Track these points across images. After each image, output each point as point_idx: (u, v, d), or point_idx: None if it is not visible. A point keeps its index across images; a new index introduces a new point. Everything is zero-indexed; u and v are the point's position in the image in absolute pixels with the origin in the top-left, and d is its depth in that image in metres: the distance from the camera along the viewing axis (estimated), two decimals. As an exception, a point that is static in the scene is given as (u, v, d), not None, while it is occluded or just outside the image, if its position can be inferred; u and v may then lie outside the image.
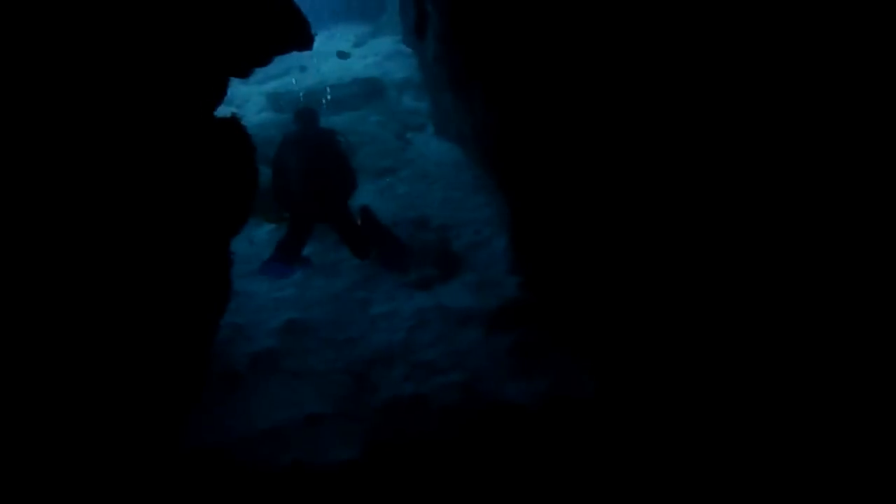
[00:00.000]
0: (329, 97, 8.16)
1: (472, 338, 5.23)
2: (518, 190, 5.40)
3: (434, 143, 7.82)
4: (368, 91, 8.61)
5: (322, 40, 10.66)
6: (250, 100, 8.81)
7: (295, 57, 9.09)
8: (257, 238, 6.50)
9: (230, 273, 3.48)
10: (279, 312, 5.61)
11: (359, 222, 6.21)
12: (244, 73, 3.26)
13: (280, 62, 9.18)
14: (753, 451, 3.34)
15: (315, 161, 6.11)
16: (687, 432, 3.79)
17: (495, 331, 5.25)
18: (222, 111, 8.11)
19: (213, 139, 3.25)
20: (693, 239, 3.49)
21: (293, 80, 8.68)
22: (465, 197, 6.93)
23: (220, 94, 3.10)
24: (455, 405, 4.62)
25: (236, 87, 8.52)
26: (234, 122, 3.30)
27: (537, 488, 3.72)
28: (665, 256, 3.84)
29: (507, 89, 4.84)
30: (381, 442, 4.39)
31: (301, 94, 8.30)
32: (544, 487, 3.73)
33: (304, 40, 3.30)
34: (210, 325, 3.55)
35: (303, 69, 9.31)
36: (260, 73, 9.24)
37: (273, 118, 7.94)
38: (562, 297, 5.16)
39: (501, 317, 5.39)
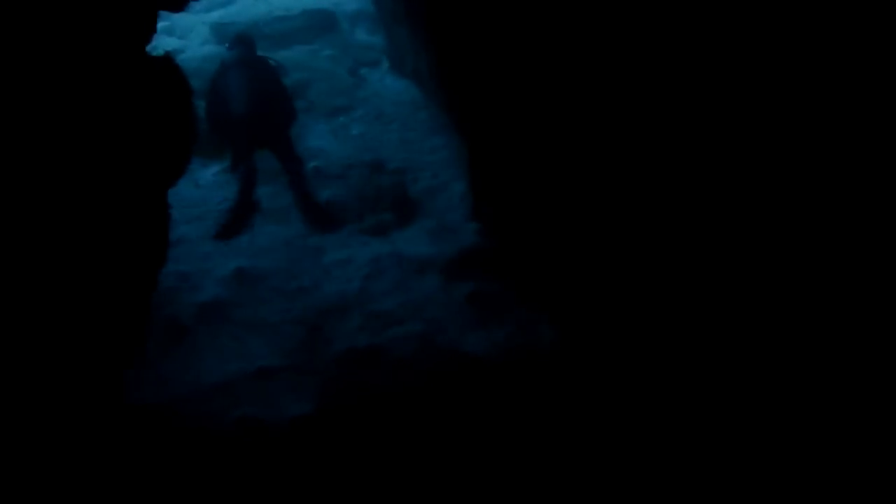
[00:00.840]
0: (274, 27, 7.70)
1: (430, 287, 5.08)
2: (475, 130, 5.18)
3: (389, 81, 7.48)
4: (319, 23, 8.14)
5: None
6: (193, 30, 8.26)
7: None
8: (203, 180, 6.17)
9: (167, 223, 3.23)
10: (227, 260, 5.35)
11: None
12: (178, 6, 2.93)
13: (225, -10, 8.62)
14: (717, 415, 3.30)
15: (254, 84, 5.89)
16: (649, 387, 3.74)
17: (453, 279, 5.11)
18: (164, 42, 7.65)
19: (143, 79, 2.94)
20: (669, 190, 3.35)
21: (238, 10, 8.14)
22: (422, 138, 6.68)
23: (149, 28, 2.78)
24: (412, 357, 4.50)
25: (179, 18, 7.97)
26: (167, 60, 2.99)
27: (496, 444, 3.65)
28: (630, 202, 3.70)
29: (463, 21, 4.55)
30: (336, 395, 4.26)
31: (246, 25, 7.81)
32: (503, 443, 3.66)
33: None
34: (148, 276, 3.31)
35: (250, -3, 8.74)
36: (205, 1, 8.68)
37: (217, 51, 7.43)
38: (521, 245, 5.03)
39: (460, 265, 5.24)
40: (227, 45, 6.60)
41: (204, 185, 6.08)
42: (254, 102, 5.80)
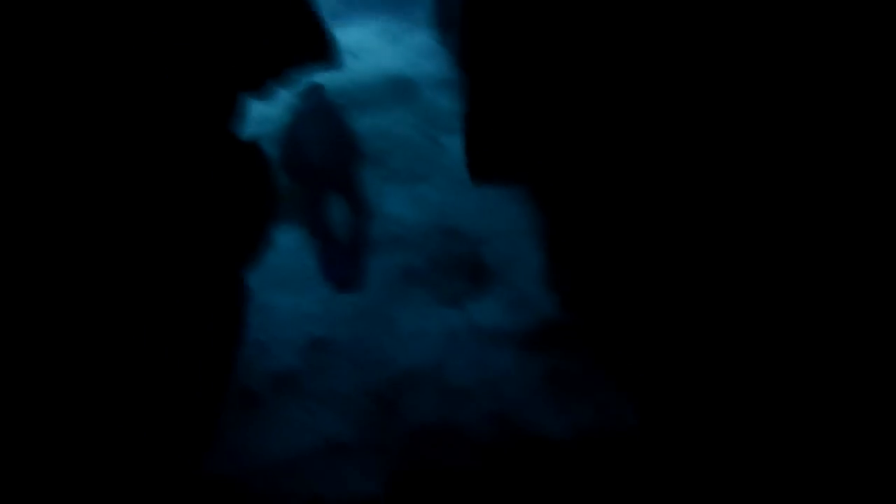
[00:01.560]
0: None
1: (507, 362, 4.91)
2: (555, 200, 5.06)
3: (469, 147, 7.46)
4: (401, 90, 8.28)
5: (354, 34, 10.35)
6: (277, 95, 8.54)
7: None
8: (281, 245, 6.24)
9: (244, 304, 3.22)
10: (303, 328, 5.35)
11: None
12: (258, 90, 2.97)
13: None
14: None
15: (327, 129, 6.41)
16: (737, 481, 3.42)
17: (531, 354, 4.93)
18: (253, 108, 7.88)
19: (225, 158, 2.98)
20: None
21: (320, 79, 8.37)
22: (501, 206, 6.59)
23: (230, 110, 2.81)
24: (487, 438, 4.32)
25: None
26: (252, 145, 3.03)
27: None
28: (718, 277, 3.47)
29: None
30: (406, 476, 4.12)
31: (329, 93, 7.98)
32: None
33: (326, 57, 3.01)
34: (225, 357, 3.29)
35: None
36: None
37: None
38: (602, 320, 4.81)
39: (538, 339, 5.06)
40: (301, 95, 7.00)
41: (282, 251, 6.14)
42: (324, 148, 6.26)
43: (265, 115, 7.69)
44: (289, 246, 6.26)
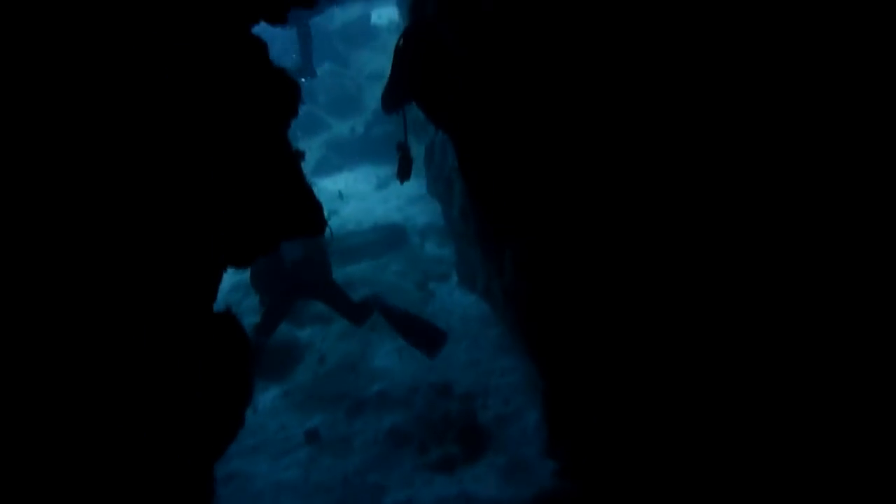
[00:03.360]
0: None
1: (503, 540, 4.47)
2: (554, 360, 4.81)
3: (458, 296, 7.31)
4: (389, 237, 8.23)
5: (344, 182, 10.48)
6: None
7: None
8: (261, 404, 5.88)
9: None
10: (281, 498, 4.89)
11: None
12: (241, 264, 2.79)
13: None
14: None
15: (310, 277, 5.85)
16: None
17: (530, 532, 4.49)
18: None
19: (204, 334, 2.73)
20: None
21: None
22: (492, 358, 6.32)
23: (213, 288, 2.61)
24: None
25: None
26: (228, 316, 2.80)
27: None
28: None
29: (541, 257, 4.36)
30: None
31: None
32: None
33: (317, 230, 2.86)
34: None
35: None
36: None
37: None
38: (607, 492, 4.43)
39: (536, 512, 4.64)
40: None
41: (262, 411, 5.78)
42: (297, 264, 5.75)
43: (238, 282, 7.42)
44: (267, 405, 5.90)
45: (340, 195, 9.64)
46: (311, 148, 10.63)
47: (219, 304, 2.84)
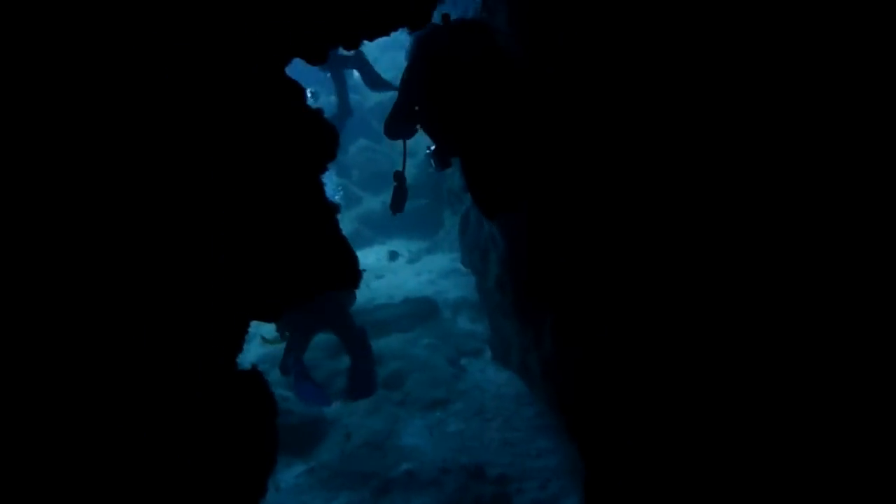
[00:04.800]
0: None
1: None
2: (597, 442, 4.46)
3: (492, 372, 7.00)
4: (420, 311, 8.01)
5: (376, 256, 10.39)
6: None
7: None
8: (284, 482, 5.56)
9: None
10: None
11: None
12: (269, 317, 2.60)
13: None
14: None
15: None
16: None
17: None
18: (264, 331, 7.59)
19: (227, 391, 2.52)
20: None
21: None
22: (527, 439, 5.95)
23: (234, 337, 2.41)
24: None
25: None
26: (254, 374, 2.59)
27: None
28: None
29: (587, 325, 4.11)
30: None
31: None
32: None
33: (349, 280, 2.68)
34: None
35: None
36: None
37: (316, 340, 7.32)
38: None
39: None
40: None
41: (285, 489, 5.45)
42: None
43: (265, 354, 7.24)
44: (290, 483, 5.57)
45: (392, 255, 9.63)
46: (343, 221, 10.61)
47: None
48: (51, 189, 1.89)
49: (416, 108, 4.15)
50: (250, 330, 2.62)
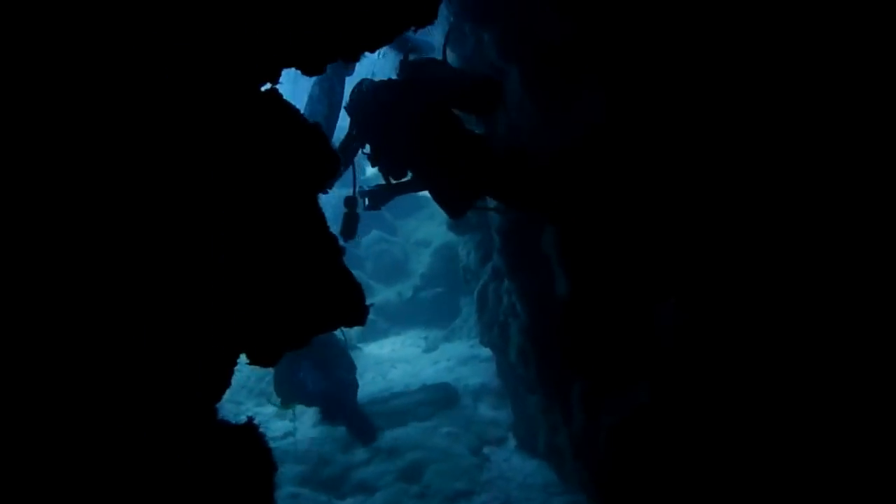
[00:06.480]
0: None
1: None
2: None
3: (517, 461, 6.48)
4: (439, 399, 7.55)
5: (391, 346, 10.02)
6: (306, 412, 7.85)
7: (360, 364, 8.31)
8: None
9: None
10: None
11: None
12: (271, 362, 2.29)
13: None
14: None
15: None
16: None
17: None
18: (275, 426, 7.23)
19: (218, 452, 2.16)
20: None
21: (360, 394, 7.77)
22: (560, 533, 5.39)
23: (221, 388, 2.08)
24: None
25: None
26: (249, 429, 2.24)
27: None
28: None
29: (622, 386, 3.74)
30: None
31: (361, 404, 7.34)
32: None
33: (354, 316, 2.39)
34: None
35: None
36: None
37: (328, 432, 6.93)
38: None
39: None
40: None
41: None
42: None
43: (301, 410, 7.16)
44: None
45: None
46: (357, 313, 10.32)
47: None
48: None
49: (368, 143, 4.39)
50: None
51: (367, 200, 4.68)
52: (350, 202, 4.67)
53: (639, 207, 3.62)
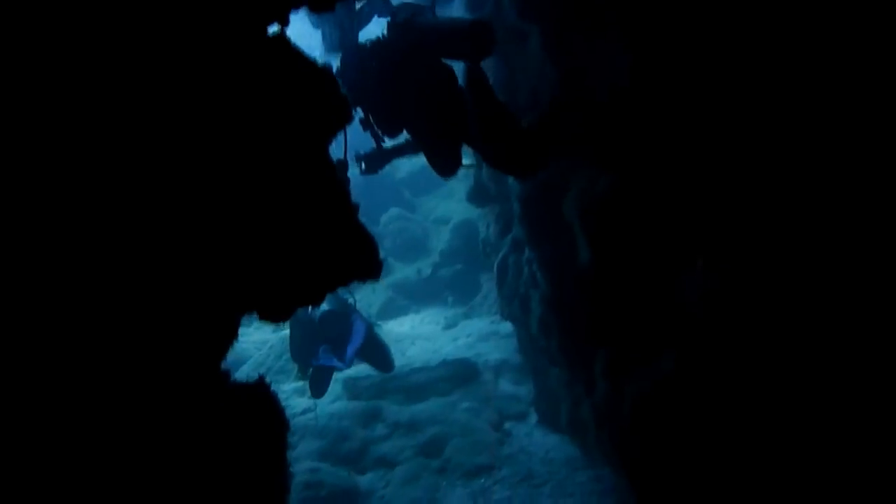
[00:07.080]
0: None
1: None
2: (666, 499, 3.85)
3: (539, 436, 6.40)
4: (459, 374, 7.48)
5: (411, 324, 9.96)
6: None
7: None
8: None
9: None
10: None
11: None
12: (282, 318, 2.20)
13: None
14: None
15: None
16: None
17: None
18: (295, 403, 7.19)
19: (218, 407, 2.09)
20: None
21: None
22: (583, 505, 5.30)
23: (229, 339, 2.00)
24: None
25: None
26: (260, 386, 2.16)
27: None
28: None
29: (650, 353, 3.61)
30: None
31: (380, 379, 7.30)
32: None
33: (368, 270, 2.28)
34: None
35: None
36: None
37: (348, 407, 6.87)
38: None
39: None
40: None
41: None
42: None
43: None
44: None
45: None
46: (376, 290, 10.28)
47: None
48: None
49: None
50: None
51: (363, 165, 4.63)
52: (340, 166, 4.60)
53: (666, 167, 3.48)
